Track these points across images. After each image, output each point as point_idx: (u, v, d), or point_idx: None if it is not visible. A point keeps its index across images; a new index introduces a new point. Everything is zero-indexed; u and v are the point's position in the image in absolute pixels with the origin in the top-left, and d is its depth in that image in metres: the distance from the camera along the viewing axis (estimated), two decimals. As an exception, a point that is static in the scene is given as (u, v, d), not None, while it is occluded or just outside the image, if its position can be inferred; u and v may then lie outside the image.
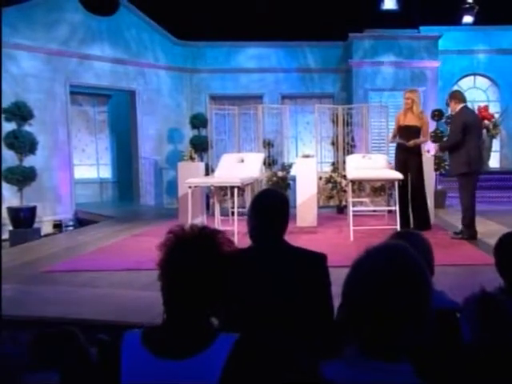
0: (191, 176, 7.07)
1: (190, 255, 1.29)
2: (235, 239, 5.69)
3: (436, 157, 7.83)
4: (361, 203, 8.22)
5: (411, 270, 1.10)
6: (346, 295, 1.12)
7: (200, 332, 1.29)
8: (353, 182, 6.41)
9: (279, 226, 2.10)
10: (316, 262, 2.12)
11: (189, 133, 11.21)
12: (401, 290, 1.07)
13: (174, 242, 1.32)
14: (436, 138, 9.53)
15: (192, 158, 7.32)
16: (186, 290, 1.29)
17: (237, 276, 1.42)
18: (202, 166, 7.58)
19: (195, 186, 6.12)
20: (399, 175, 6.08)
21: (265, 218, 2.08)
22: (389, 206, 7.75)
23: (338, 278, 2.19)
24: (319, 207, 8.06)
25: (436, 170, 8.23)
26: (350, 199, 6.34)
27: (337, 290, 2.07)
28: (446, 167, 8.85)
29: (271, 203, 2.08)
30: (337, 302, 2.11)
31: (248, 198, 6.81)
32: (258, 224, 2.10)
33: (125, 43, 10.56)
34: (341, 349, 1.23)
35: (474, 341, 1.48)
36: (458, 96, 6.09)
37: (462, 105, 6.01)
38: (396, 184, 6.16)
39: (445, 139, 6.27)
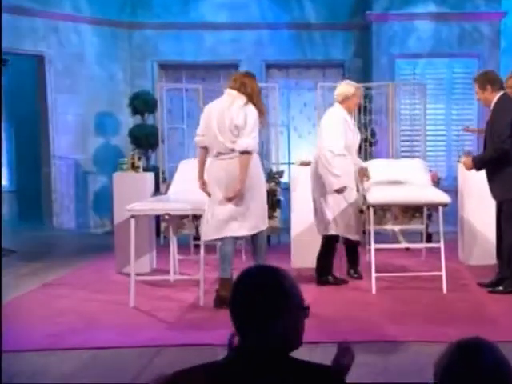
0: (134, 193, 7.02)
1: None
2: (201, 290, 5.76)
3: None
4: (385, 229, 8.31)
5: None
6: None
7: None
8: (375, 206, 6.45)
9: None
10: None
11: (128, 120, 11.19)
12: None
13: None
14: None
15: (135, 168, 7.28)
16: None
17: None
18: (150, 178, 7.55)
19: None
20: (445, 198, 6.15)
21: (254, 320, 2.08)
22: (428, 237, 7.83)
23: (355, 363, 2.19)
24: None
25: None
26: (372, 231, 6.39)
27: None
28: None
29: (262, 296, 2.06)
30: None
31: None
32: (245, 328, 2.09)
33: (29, -16, 10.48)
34: None
35: None
36: (495, 78, 6.15)
37: (501, 92, 6.08)
38: (440, 208, 6.24)
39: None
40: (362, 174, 6.68)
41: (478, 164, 6.14)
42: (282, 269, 2.08)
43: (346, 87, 6.58)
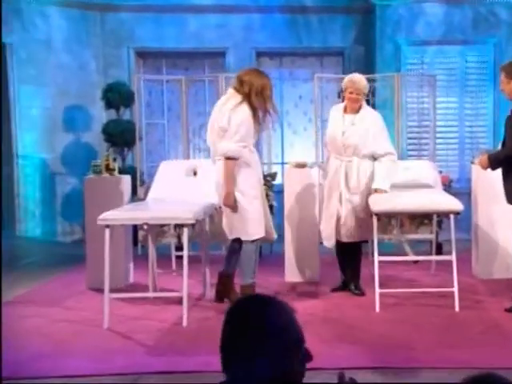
0: (108, 199, 7.01)
1: None
2: (184, 309, 5.74)
3: None
4: (390, 238, 8.36)
5: None
6: None
7: None
8: (379, 214, 6.47)
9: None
10: None
11: (101, 115, 11.18)
12: None
13: None
14: None
15: (109, 170, 7.27)
16: None
17: None
18: (126, 182, 7.55)
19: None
20: (458, 205, 6.16)
21: (240, 355, 2.07)
22: (438, 247, 7.85)
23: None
24: (321, 242, 8.12)
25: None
26: (376, 241, 6.40)
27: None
28: None
29: (249, 330, 2.06)
30: None
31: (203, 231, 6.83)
32: (230, 362, 2.08)
33: (-11, -38, 10.46)
34: None
35: None
36: None
37: None
38: (452, 217, 6.26)
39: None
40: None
41: (493, 162, 6.13)
42: (279, 301, 2.09)
43: None
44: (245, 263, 6.15)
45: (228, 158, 5.96)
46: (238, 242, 6.19)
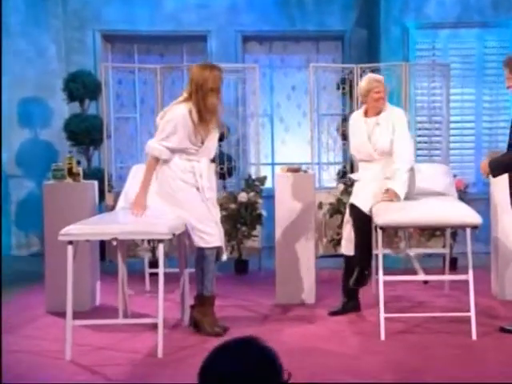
0: (71, 208, 7.02)
1: None
2: (159, 337, 5.70)
3: None
4: (397, 253, 8.38)
5: None
6: None
7: None
8: (384, 228, 6.47)
9: None
10: None
11: (62, 108, 11.14)
12: None
13: None
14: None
15: (73, 175, 7.26)
16: None
17: None
18: (92, 188, 7.54)
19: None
20: (475, 218, 6.17)
21: None
22: (452, 262, 7.86)
23: None
24: (318, 257, 8.14)
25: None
26: (380, 257, 6.41)
27: None
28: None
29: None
30: None
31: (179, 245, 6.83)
32: None
33: None
34: None
35: None
36: None
37: None
38: (468, 230, 6.28)
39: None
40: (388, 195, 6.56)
41: (495, 168, 6.10)
42: (259, 347, 2.10)
43: (359, 85, 7.03)
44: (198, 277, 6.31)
45: (151, 157, 6.25)
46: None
